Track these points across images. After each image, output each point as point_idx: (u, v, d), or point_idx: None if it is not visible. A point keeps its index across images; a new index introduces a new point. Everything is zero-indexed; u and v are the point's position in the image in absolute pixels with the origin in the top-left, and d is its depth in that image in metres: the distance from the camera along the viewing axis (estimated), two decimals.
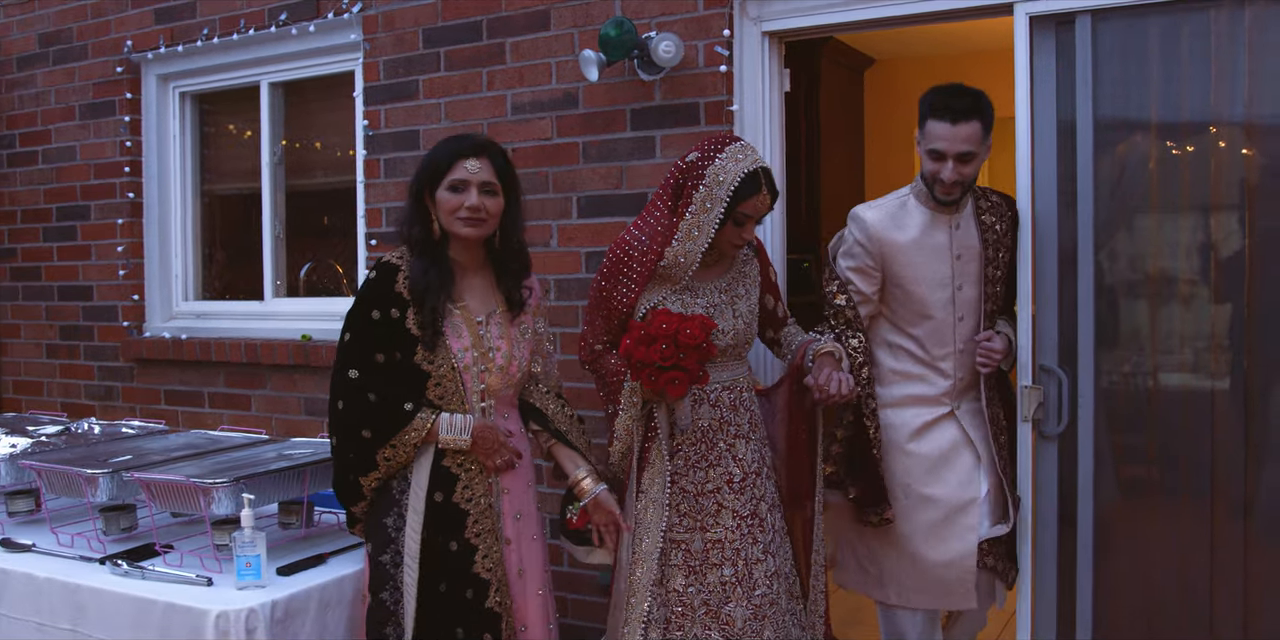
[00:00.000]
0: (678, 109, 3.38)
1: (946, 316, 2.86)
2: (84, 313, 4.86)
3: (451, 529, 2.45)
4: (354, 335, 2.46)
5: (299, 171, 4.57)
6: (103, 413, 4.74)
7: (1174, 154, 2.91)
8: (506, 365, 2.54)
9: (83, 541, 2.73)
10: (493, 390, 2.53)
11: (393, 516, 2.44)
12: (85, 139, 4.83)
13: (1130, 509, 2.95)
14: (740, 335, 2.76)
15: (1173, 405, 2.90)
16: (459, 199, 2.46)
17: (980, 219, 2.88)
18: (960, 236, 2.87)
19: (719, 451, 2.71)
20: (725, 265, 2.80)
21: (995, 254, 2.87)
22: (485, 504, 2.50)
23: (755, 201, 2.63)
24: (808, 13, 3.24)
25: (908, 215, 2.89)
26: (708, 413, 2.71)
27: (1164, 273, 2.91)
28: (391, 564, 2.42)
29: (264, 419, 4.28)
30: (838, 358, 2.76)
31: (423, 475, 2.45)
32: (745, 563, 2.68)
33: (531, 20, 3.63)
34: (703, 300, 2.72)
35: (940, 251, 2.85)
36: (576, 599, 3.62)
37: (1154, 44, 2.87)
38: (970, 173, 2.76)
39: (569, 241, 3.59)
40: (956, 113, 2.70)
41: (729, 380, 2.76)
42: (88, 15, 4.80)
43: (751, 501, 2.73)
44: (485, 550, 2.48)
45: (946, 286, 2.84)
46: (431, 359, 2.45)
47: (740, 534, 2.69)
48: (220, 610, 2.27)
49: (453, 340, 2.47)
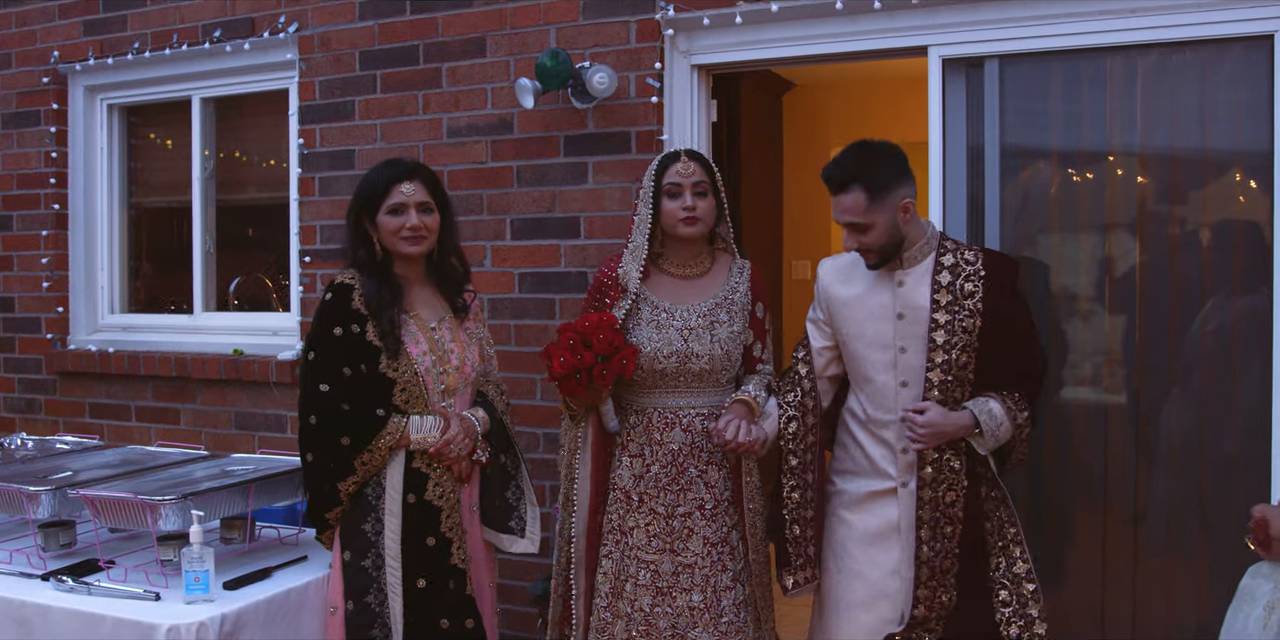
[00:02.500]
0: (610, 137, 3.52)
1: (888, 380, 2.64)
2: (4, 324, 4.82)
3: (427, 526, 2.60)
4: (319, 352, 2.60)
5: (230, 186, 4.60)
6: (24, 425, 4.70)
7: (1074, 180, 3.14)
8: (461, 366, 2.72)
9: (21, 557, 2.75)
10: (451, 390, 2.70)
11: (370, 521, 2.58)
12: (8, 148, 4.79)
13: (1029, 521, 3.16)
14: (718, 361, 2.75)
15: (1073, 419, 3.12)
16: (399, 221, 2.63)
17: (935, 278, 2.61)
18: (904, 294, 2.63)
19: (689, 477, 2.74)
20: (706, 285, 2.82)
21: (946, 318, 2.58)
22: (454, 499, 2.66)
23: (677, 167, 2.73)
24: (735, 48, 3.42)
25: (856, 270, 2.72)
26: (679, 437, 2.75)
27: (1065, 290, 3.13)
28: (373, 567, 2.56)
29: (194, 433, 4.30)
30: (751, 407, 2.71)
31: (396, 478, 2.60)
32: (714, 590, 2.72)
33: (468, 46, 3.74)
34: (679, 323, 2.76)
35: (883, 310, 2.65)
36: (507, 609, 3.72)
37: (1056, 85, 3.11)
38: (871, 240, 2.58)
39: (503, 262, 3.71)
40: (833, 183, 2.59)
41: (704, 406, 2.77)
42: (12, 24, 4.77)
43: (723, 529, 2.75)
44: (459, 542, 2.65)
45: (888, 348, 2.63)
46: (395, 366, 2.60)
47: (710, 561, 2.73)
48: (171, 624, 2.32)
49: (411, 347, 2.63)
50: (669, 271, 2.83)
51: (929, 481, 2.59)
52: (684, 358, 2.73)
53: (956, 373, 2.59)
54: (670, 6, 3.41)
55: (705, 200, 2.74)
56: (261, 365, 4.11)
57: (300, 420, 2.62)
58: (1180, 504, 3.02)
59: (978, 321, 2.57)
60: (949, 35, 3.14)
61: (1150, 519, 3.05)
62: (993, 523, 2.64)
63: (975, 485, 2.62)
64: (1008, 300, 2.61)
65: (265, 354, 4.18)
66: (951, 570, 2.58)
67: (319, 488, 2.59)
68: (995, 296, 2.59)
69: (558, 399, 3.54)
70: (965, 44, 3.13)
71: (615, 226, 3.52)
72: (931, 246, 2.65)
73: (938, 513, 2.59)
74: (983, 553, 2.62)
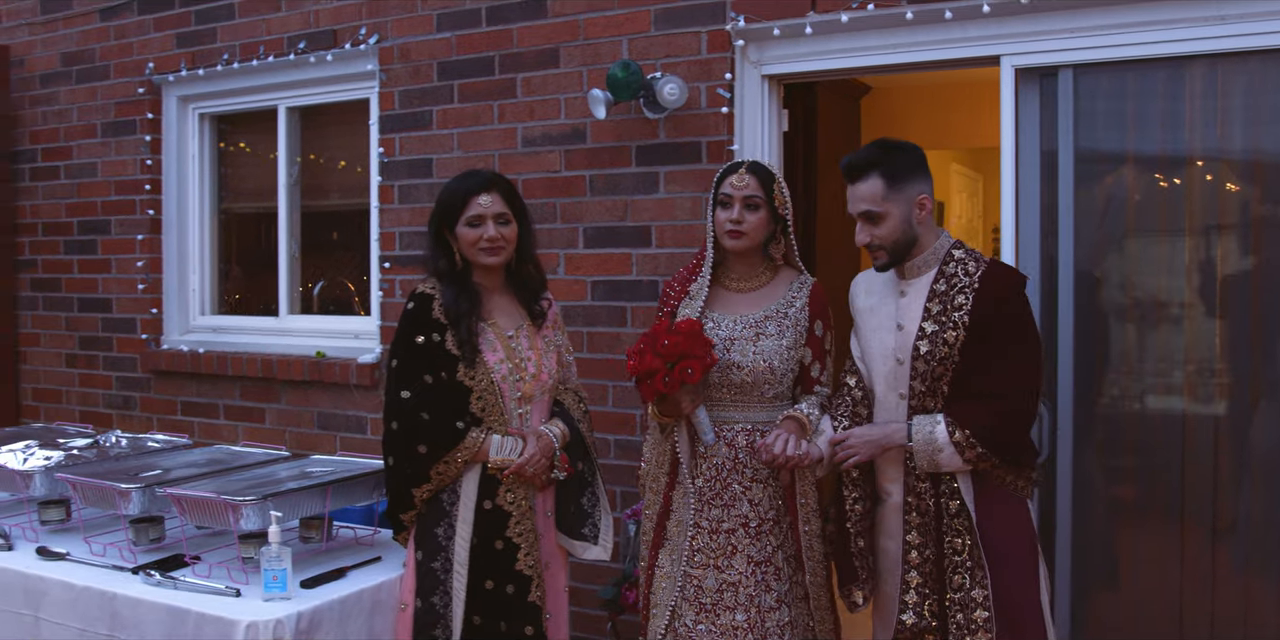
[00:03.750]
0: (680, 147, 3.56)
1: (888, 391, 2.62)
2: (103, 324, 5.04)
3: (496, 530, 2.68)
4: (401, 360, 2.69)
5: (314, 192, 4.75)
6: (120, 422, 4.92)
7: (1150, 188, 3.09)
8: (538, 373, 2.78)
9: (114, 551, 2.90)
10: (528, 397, 2.76)
11: (443, 527, 2.67)
12: (106, 156, 5.01)
13: (1113, 535, 3.11)
14: (760, 374, 2.69)
15: (1159, 430, 3.07)
16: (477, 232, 2.71)
17: (933, 287, 2.56)
18: (905, 306, 2.60)
19: (733, 493, 2.70)
20: (761, 298, 2.78)
21: (933, 328, 2.52)
22: (527, 506, 2.72)
23: (732, 179, 2.70)
24: (805, 58, 3.44)
25: (878, 280, 2.71)
26: (723, 451, 2.71)
27: (1148, 297, 3.08)
28: (442, 570, 2.65)
29: (278, 432, 4.45)
30: (803, 424, 2.67)
31: (471, 486, 2.69)
32: (759, 610, 2.67)
33: (542, 57, 3.81)
34: (723, 332, 2.72)
35: (888, 321, 2.63)
36: (577, 612, 3.78)
37: (1133, 94, 3.07)
38: (885, 234, 2.54)
39: (576, 270, 3.77)
40: (853, 171, 2.57)
41: (748, 421, 2.72)
42: (110, 37, 4.98)
43: (768, 549, 2.70)
44: (527, 548, 2.70)
45: (888, 359, 2.61)
46: (472, 374, 2.68)
47: (755, 580, 2.68)
48: (250, 621, 2.44)
49: (489, 355, 2.70)
50: (724, 284, 2.81)
51: (912, 488, 2.56)
52: (725, 368, 2.68)
53: (932, 383, 2.53)
54: (741, 17, 3.43)
55: (755, 214, 2.70)
56: (342, 368, 4.24)
57: (384, 424, 2.71)
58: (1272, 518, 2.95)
59: (960, 334, 2.48)
60: (1021, 45, 3.12)
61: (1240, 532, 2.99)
62: (963, 542, 2.51)
63: (943, 503, 2.53)
64: (999, 315, 2.49)
65: (346, 356, 4.30)
66: (932, 577, 2.54)
67: (397, 491, 2.69)
68: (984, 309, 2.48)
69: (632, 406, 3.61)
70: (1038, 53, 3.11)
71: (685, 236, 3.56)
72: (938, 257, 2.58)
73: (922, 520, 2.54)
74: (943, 569, 2.53)
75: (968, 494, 2.51)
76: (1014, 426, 2.52)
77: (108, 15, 4.97)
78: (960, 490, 2.51)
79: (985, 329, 2.48)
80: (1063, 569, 3.13)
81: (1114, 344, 3.11)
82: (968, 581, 2.49)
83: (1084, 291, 3.12)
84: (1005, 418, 2.49)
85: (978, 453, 2.46)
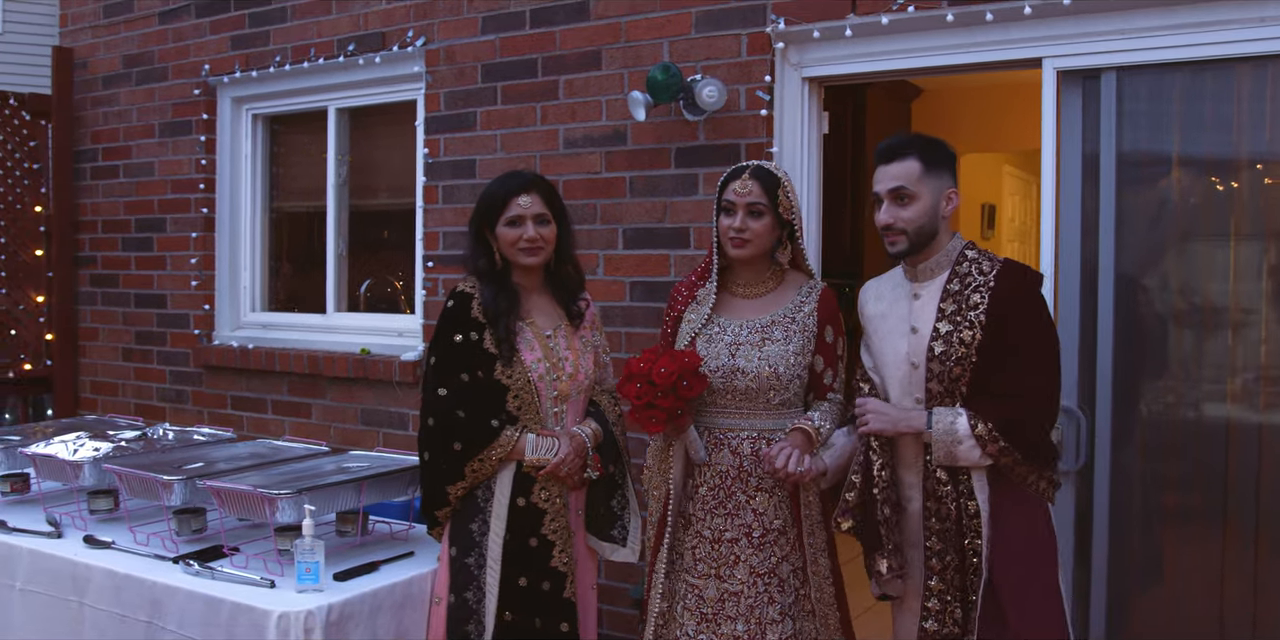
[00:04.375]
0: (720, 149, 3.56)
1: (902, 396, 2.56)
2: (158, 320, 5.16)
3: (530, 527, 2.70)
4: (439, 358, 2.73)
5: (362, 192, 4.82)
6: (173, 415, 5.04)
7: (1193, 191, 3.04)
8: (575, 373, 2.80)
9: (157, 540, 2.98)
10: (564, 396, 2.79)
11: (477, 523, 2.70)
12: (164, 156, 5.13)
13: (1152, 542, 3.06)
14: (764, 381, 2.64)
15: (1202, 436, 3.02)
16: (517, 232, 2.74)
17: (946, 287, 2.51)
18: (918, 309, 2.54)
19: (737, 501, 2.66)
20: (768, 304, 2.74)
21: (947, 328, 2.46)
22: (561, 503, 2.75)
23: (735, 185, 2.65)
24: (845, 61, 3.43)
25: (888, 285, 2.67)
26: (727, 459, 2.67)
27: (1191, 302, 3.03)
28: (475, 566, 2.68)
29: (323, 428, 4.53)
30: (810, 436, 2.61)
31: (505, 483, 2.71)
32: (759, 622, 2.62)
33: (584, 59, 3.84)
34: (729, 337, 2.69)
35: (900, 324, 2.57)
36: (610, 610, 3.81)
37: (1177, 96, 3.02)
38: (911, 216, 2.48)
39: (615, 271, 3.80)
40: (890, 152, 2.51)
41: (753, 428, 2.68)
42: (169, 39, 5.10)
43: (771, 559, 2.65)
44: (562, 545, 2.73)
45: (903, 364, 2.55)
46: (509, 373, 2.71)
47: (756, 591, 2.64)
48: (282, 611, 2.50)
49: (526, 354, 2.73)
50: (731, 289, 2.77)
51: (931, 493, 2.49)
52: (729, 373, 2.64)
53: (949, 385, 2.47)
54: (781, 20, 3.43)
55: (759, 221, 2.64)
56: (386, 365, 4.31)
57: (421, 421, 2.75)
58: None
59: (977, 334, 2.43)
60: (1064, 47, 3.08)
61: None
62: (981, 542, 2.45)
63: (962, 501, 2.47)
64: (1016, 314, 2.43)
65: (390, 354, 4.37)
66: (954, 584, 2.46)
67: (431, 487, 2.73)
68: (1001, 309, 2.43)
69: None
70: (1081, 56, 3.07)
71: None
72: (951, 259, 2.54)
73: (942, 525, 2.48)
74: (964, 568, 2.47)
75: (981, 493, 2.45)
76: (1035, 424, 2.46)
77: (166, 18, 5.10)
78: (975, 490, 2.46)
79: (1002, 328, 2.43)
80: (1099, 575, 3.09)
81: (1155, 349, 3.06)
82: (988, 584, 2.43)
83: (1124, 296, 3.07)
84: (1027, 415, 2.44)
85: (1000, 447, 2.40)
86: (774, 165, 2.74)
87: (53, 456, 3.22)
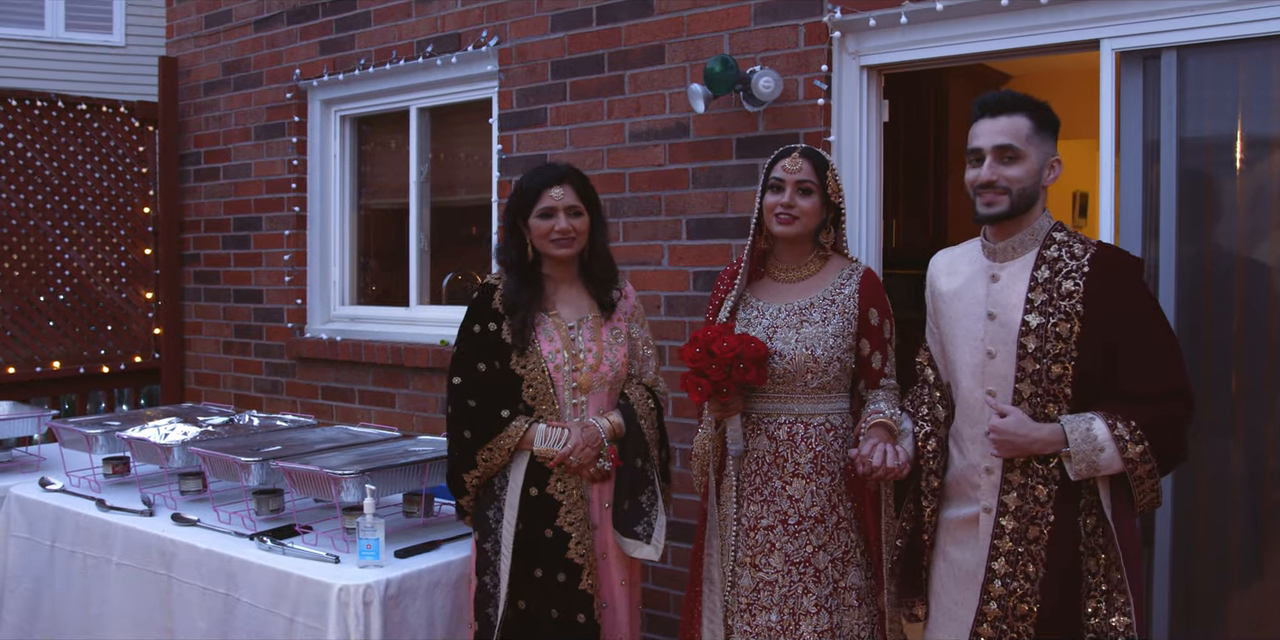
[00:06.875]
0: (779, 139, 3.59)
1: (974, 387, 2.37)
2: (255, 314, 5.42)
3: (545, 518, 2.73)
4: (461, 347, 2.82)
5: (443, 188, 4.98)
6: (269, 405, 5.28)
7: (1268, 174, 2.94)
8: (597, 365, 2.81)
9: (238, 519, 3.16)
10: (584, 388, 2.80)
11: (493, 510, 2.76)
12: (259, 157, 5.38)
13: (1216, 544, 2.99)
14: (800, 364, 2.60)
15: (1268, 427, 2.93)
16: (549, 224, 2.78)
17: (1034, 274, 2.30)
18: (997, 292, 2.35)
19: (773, 488, 2.63)
20: (808, 287, 2.70)
21: (1039, 320, 2.27)
22: (578, 495, 2.76)
23: (785, 163, 2.64)
24: (901, 48, 3.42)
25: (963, 260, 2.48)
26: (764, 444, 2.65)
27: (1260, 291, 2.93)
28: (492, 552, 2.74)
29: (406, 417, 4.70)
30: (891, 429, 2.50)
31: (519, 473, 2.76)
32: (792, 613, 2.58)
33: (648, 54, 3.91)
34: (767, 320, 2.67)
35: (976, 306, 2.38)
36: (654, 614, 3.87)
37: (1242, 74, 2.94)
38: (1016, 175, 2.28)
39: (679, 261, 3.86)
40: (996, 106, 2.34)
41: (790, 413, 2.65)
42: (263, 46, 5.34)
43: (807, 548, 2.60)
44: (579, 537, 2.74)
45: (977, 351, 2.36)
46: (524, 363, 2.75)
47: (790, 580, 2.60)
48: (342, 585, 2.63)
49: (544, 344, 2.77)
50: (772, 274, 2.76)
51: (1011, 510, 2.29)
52: None
53: (1048, 386, 2.26)
54: (837, 9, 3.45)
55: (808, 199, 2.63)
56: None
57: (446, 409, 2.83)
58: None
59: (1075, 327, 2.23)
60: (1122, 27, 3.03)
61: None
62: (1098, 562, 2.26)
63: (1071, 517, 2.26)
64: (1119, 304, 2.23)
65: None
66: (1029, 617, 2.27)
67: (451, 474, 2.81)
68: (1100, 298, 2.22)
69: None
70: (1140, 36, 3.01)
71: None
72: (1037, 239, 2.34)
73: (1020, 548, 2.28)
74: (1075, 595, 2.25)
75: (1108, 507, 2.24)
76: (1171, 430, 2.24)
77: (261, 26, 5.34)
78: (1101, 503, 2.24)
79: (1103, 319, 2.23)
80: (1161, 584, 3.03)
81: (1220, 339, 2.98)
82: (1104, 607, 2.23)
83: (1186, 285, 3.00)
84: (1160, 419, 2.22)
85: (1140, 450, 2.18)
86: (824, 154, 2.71)
87: (145, 440, 3.44)
